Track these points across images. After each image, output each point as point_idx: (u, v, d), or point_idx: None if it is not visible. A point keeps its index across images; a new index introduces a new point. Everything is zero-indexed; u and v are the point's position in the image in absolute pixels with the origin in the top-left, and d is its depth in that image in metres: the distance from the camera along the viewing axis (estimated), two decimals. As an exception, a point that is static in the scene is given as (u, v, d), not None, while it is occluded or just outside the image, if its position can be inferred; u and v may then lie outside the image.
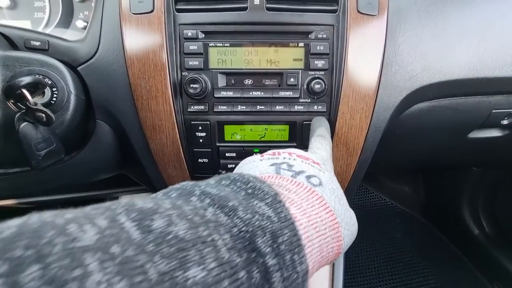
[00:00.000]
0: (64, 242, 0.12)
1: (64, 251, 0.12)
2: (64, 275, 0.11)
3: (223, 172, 0.47)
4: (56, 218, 0.14)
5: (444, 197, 1.05)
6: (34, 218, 0.13)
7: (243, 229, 0.17)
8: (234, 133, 0.45)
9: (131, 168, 0.58)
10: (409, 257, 0.97)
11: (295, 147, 0.45)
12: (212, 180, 0.22)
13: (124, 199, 0.18)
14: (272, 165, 0.26)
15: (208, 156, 0.46)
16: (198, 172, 0.48)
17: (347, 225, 0.23)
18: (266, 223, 0.18)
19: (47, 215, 0.14)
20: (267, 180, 0.23)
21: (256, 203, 0.19)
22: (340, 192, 0.25)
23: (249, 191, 0.21)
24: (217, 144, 0.45)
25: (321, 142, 0.35)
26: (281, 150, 0.30)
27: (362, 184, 1.19)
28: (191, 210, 0.17)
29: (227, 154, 0.46)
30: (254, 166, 0.27)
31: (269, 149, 0.45)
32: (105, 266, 0.12)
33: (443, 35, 0.44)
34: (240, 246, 0.17)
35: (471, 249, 0.95)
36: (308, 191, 0.23)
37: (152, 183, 0.53)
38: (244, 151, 0.46)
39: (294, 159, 0.27)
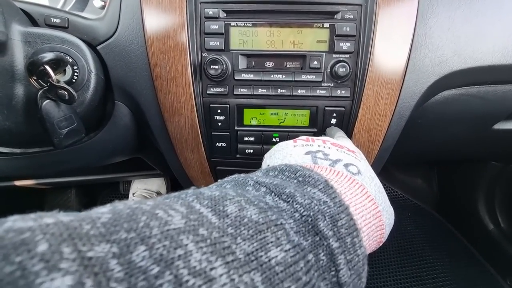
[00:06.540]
0: (159, 225, 0.13)
1: (162, 233, 0.13)
2: (169, 255, 0.12)
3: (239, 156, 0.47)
4: (141, 205, 0.14)
5: (458, 191, 1.03)
6: (121, 206, 0.14)
7: (304, 213, 0.18)
8: (253, 117, 0.44)
9: (147, 151, 0.58)
10: (420, 249, 0.96)
11: (315, 133, 0.45)
12: (259, 173, 0.22)
13: (191, 190, 0.18)
14: (307, 153, 0.25)
15: (226, 140, 0.46)
16: (215, 157, 0.48)
17: (387, 213, 0.23)
18: (324, 207, 0.18)
19: (131, 203, 0.15)
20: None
21: (310, 190, 0.20)
22: (378, 181, 0.25)
23: (300, 179, 0.21)
24: (236, 128, 0.45)
25: (345, 139, 0.34)
26: (314, 137, 0.29)
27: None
28: (254, 197, 0.17)
29: (245, 139, 0.45)
30: (287, 154, 0.26)
31: (288, 135, 0.45)
32: (200, 246, 0.13)
33: (477, 17, 0.41)
34: (304, 230, 0.17)
35: (485, 244, 0.93)
36: (349, 180, 0.22)
37: (168, 167, 0.53)
38: (263, 136, 0.45)
39: (329, 148, 0.26)
